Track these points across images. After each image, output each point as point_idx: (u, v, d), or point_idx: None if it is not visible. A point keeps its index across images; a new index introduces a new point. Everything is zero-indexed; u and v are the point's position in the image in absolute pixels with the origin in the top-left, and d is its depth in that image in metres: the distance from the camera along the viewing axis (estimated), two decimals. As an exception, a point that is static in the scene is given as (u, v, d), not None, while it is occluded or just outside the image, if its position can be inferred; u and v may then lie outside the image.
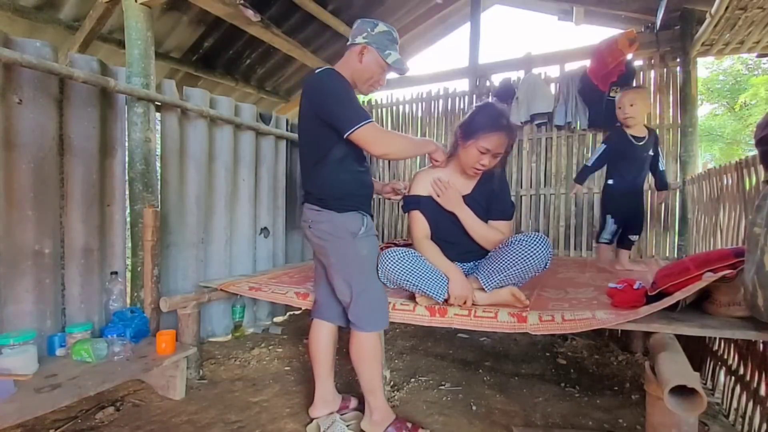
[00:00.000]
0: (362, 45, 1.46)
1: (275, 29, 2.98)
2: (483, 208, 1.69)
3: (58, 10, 2.81)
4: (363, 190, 1.54)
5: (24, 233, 1.69)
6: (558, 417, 1.66)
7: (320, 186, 1.47)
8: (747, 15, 2.34)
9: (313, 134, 1.46)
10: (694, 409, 0.94)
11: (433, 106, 4.03)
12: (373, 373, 1.48)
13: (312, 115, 1.42)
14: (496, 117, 1.56)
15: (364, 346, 1.47)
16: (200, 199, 2.48)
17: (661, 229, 3.14)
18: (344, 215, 1.45)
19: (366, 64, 1.47)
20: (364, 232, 1.47)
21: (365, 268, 1.49)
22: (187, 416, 1.66)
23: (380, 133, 1.41)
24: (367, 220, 1.50)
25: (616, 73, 3.07)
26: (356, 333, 1.48)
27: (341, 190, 1.46)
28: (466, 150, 1.59)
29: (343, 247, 1.46)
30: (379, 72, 1.50)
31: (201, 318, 2.07)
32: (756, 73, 9.21)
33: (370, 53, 1.46)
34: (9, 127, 1.66)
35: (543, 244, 1.49)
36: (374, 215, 4.18)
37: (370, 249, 1.50)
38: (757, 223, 1.06)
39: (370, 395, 1.50)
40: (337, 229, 1.45)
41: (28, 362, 1.47)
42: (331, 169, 1.45)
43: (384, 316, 1.52)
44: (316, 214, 1.47)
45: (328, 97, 1.38)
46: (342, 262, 1.48)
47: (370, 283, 1.49)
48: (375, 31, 1.47)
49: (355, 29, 1.51)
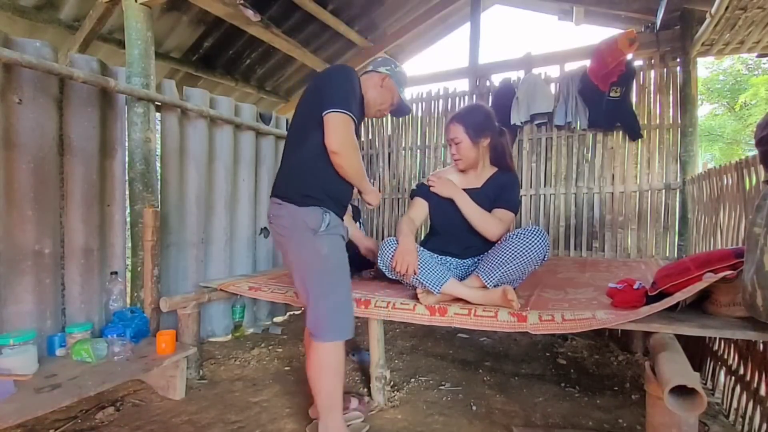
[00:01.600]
0: (385, 75, 1.56)
1: (275, 29, 2.98)
2: (490, 200, 1.80)
3: (58, 10, 2.80)
4: (337, 186, 1.42)
5: (24, 233, 1.70)
6: (558, 417, 1.65)
7: (288, 172, 1.40)
8: (747, 15, 2.34)
9: (301, 118, 1.43)
10: (694, 409, 0.94)
11: (433, 106, 4.02)
12: (331, 389, 1.35)
13: (312, 98, 1.40)
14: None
15: (322, 357, 1.34)
16: (200, 199, 2.48)
17: (661, 229, 3.14)
18: (304, 209, 1.35)
19: (384, 91, 1.56)
20: (325, 229, 1.35)
21: (325, 268, 1.36)
22: (187, 416, 1.66)
23: (348, 131, 1.33)
24: (331, 218, 1.37)
25: (616, 73, 3.07)
26: (315, 343, 1.35)
27: (310, 179, 1.37)
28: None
29: (302, 245, 1.35)
30: (390, 102, 1.59)
31: (201, 318, 2.07)
32: (756, 73, 9.21)
33: (390, 83, 1.56)
34: (9, 127, 1.66)
35: (540, 236, 1.56)
36: (373, 216, 4.18)
37: (332, 248, 1.37)
38: (757, 223, 1.06)
39: (327, 414, 1.36)
40: (296, 223, 1.35)
41: (28, 362, 1.47)
42: (309, 154, 1.37)
43: (346, 325, 1.38)
44: (278, 207, 1.39)
45: (332, 80, 1.39)
46: (299, 260, 1.37)
47: (331, 286, 1.36)
48: (397, 69, 1.59)
49: (380, 61, 1.61)
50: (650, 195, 3.16)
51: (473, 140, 1.78)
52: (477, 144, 1.79)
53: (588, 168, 3.34)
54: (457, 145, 1.79)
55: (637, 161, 3.21)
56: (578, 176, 3.37)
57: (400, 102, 1.61)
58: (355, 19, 3.88)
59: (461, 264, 1.83)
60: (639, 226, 3.18)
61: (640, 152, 3.21)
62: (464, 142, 1.78)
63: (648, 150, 3.19)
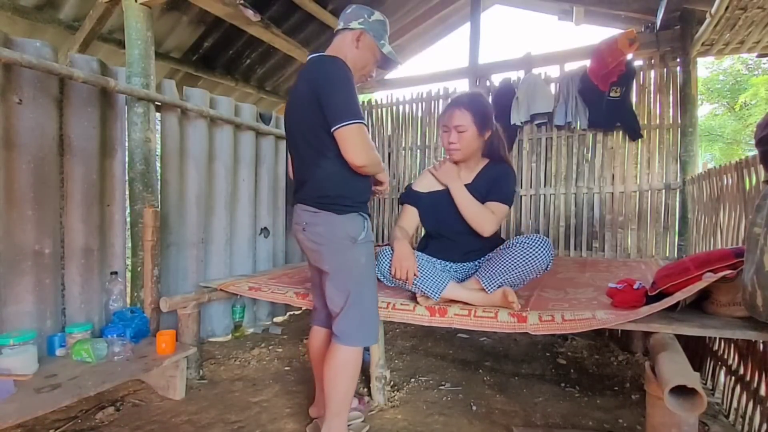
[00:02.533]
0: (359, 31, 1.36)
1: (275, 29, 2.98)
2: (482, 194, 1.71)
3: (58, 10, 2.80)
4: (365, 190, 1.41)
5: (24, 233, 1.69)
6: (558, 417, 1.66)
7: (320, 183, 1.31)
8: (747, 15, 2.34)
9: (312, 124, 1.29)
10: (694, 409, 0.94)
11: (433, 106, 4.02)
12: (347, 393, 1.34)
13: (313, 101, 1.26)
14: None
15: (348, 360, 1.32)
16: (200, 199, 2.48)
17: (661, 229, 3.14)
18: (344, 217, 1.31)
19: (362, 51, 1.38)
20: (365, 237, 1.34)
21: (362, 277, 1.35)
22: (187, 416, 1.66)
23: (366, 139, 1.25)
24: (368, 224, 1.38)
25: (616, 73, 3.07)
26: (338, 346, 1.33)
27: (344, 189, 1.32)
28: (441, 139, 1.75)
29: (340, 253, 1.32)
30: (372, 61, 1.42)
31: (201, 318, 2.07)
32: (756, 73, 9.21)
33: (366, 40, 1.37)
34: (9, 127, 1.66)
35: (544, 246, 1.53)
36: (373, 216, 4.19)
37: (368, 256, 1.37)
38: (756, 223, 1.06)
39: (335, 418, 1.33)
40: (336, 232, 1.31)
41: (28, 362, 1.47)
42: (336, 165, 1.29)
43: (374, 332, 1.40)
44: (312, 215, 1.33)
45: (332, 84, 1.25)
46: (338, 270, 1.34)
47: (364, 294, 1.35)
48: (372, 19, 1.38)
49: (350, 14, 1.39)
50: (650, 195, 3.16)
51: (480, 131, 1.66)
52: (482, 136, 1.68)
53: (588, 168, 3.34)
54: (460, 133, 1.64)
55: (637, 161, 3.21)
56: (578, 176, 3.37)
57: (383, 56, 1.43)
58: (355, 19, 3.88)
59: (461, 267, 1.80)
60: (639, 226, 3.18)
61: (640, 152, 3.21)
62: (470, 131, 1.64)
63: (648, 150, 3.19)
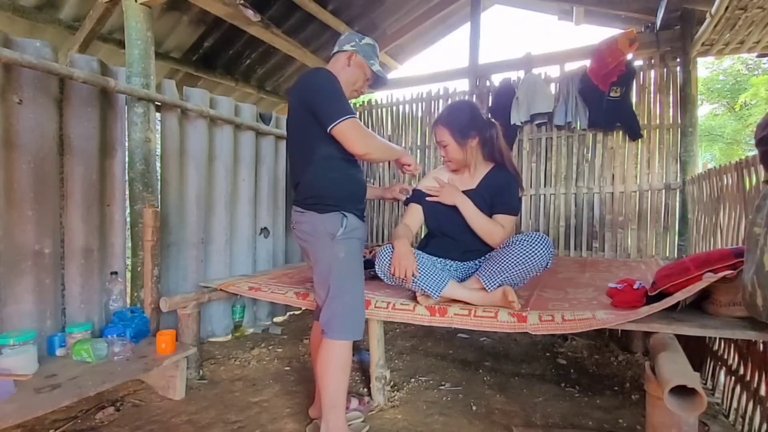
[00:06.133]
0: (351, 52, 1.54)
1: (275, 29, 2.98)
2: (487, 202, 1.74)
3: (58, 10, 2.80)
4: (351, 188, 1.49)
5: (24, 233, 1.69)
6: (558, 417, 1.65)
7: (307, 186, 1.46)
8: (747, 15, 2.34)
9: (301, 132, 1.46)
10: (694, 409, 0.94)
11: (433, 106, 4.02)
12: (337, 387, 1.39)
13: (302, 112, 1.43)
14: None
15: (332, 355, 1.39)
16: (200, 199, 2.48)
17: (661, 229, 3.14)
18: (325, 215, 1.43)
19: (353, 69, 1.54)
20: (343, 233, 1.42)
21: (342, 271, 1.43)
22: (187, 416, 1.66)
23: (362, 130, 1.40)
24: (348, 221, 1.43)
25: (616, 73, 3.07)
26: (326, 341, 1.41)
27: (326, 190, 1.44)
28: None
29: (321, 249, 1.44)
30: (363, 78, 1.57)
31: (201, 318, 2.07)
32: (756, 73, 9.20)
33: (357, 59, 1.54)
34: (9, 127, 1.66)
35: (544, 243, 1.53)
36: (373, 216, 4.19)
37: (349, 252, 1.44)
38: (757, 223, 1.06)
39: (330, 411, 1.39)
40: (317, 229, 1.44)
41: (28, 362, 1.47)
42: (320, 168, 1.43)
43: (357, 326, 1.44)
44: (300, 215, 1.48)
45: (318, 91, 1.40)
46: (320, 264, 1.46)
47: (345, 288, 1.42)
48: (362, 42, 1.56)
49: (343, 39, 1.59)
50: (650, 195, 3.16)
51: (459, 142, 1.73)
52: (464, 145, 1.74)
53: (588, 168, 3.34)
54: (444, 147, 1.77)
55: (637, 161, 3.21)
56: (578, 176, 3.37)
57: (374, 74, 1.59)
58: (355, 19, 3.88)
59: (462, 266, 1.80)
60: (639, 226, 3.18)
61: (640, 152, 3.21)
62: (450, 144, 1.74)
63: (648, 150, 3.19)
